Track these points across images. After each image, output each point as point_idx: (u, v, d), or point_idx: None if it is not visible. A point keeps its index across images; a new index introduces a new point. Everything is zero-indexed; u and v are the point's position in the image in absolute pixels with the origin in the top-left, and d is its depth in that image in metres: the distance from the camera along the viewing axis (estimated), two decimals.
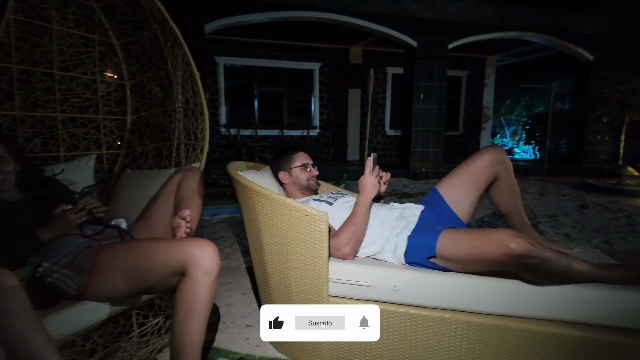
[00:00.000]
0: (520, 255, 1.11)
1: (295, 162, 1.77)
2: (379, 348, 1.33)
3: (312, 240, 1.31)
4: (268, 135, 8.30)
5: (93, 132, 1.83)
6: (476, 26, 6.95)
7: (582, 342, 1.18)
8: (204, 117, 1.76)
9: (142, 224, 1.45)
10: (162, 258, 1.07)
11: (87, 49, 1.79)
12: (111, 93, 1.89)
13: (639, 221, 3.81)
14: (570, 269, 1.18)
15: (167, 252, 1.07)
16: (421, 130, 6.80)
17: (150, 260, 1.08)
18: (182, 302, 1.06)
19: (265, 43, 8.09)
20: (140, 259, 1.10)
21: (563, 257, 1.18)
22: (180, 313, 1.06)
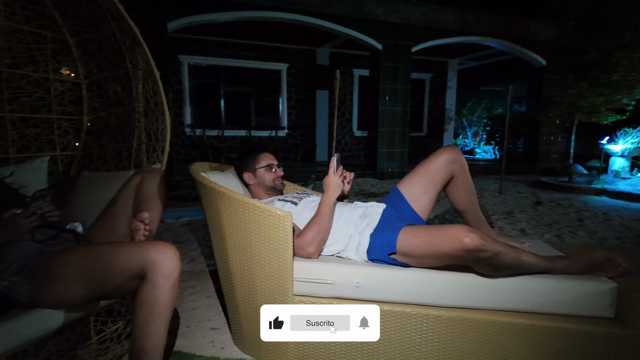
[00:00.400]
0: (473, 249, 1.17)
1: (260, 162, 1.76)
2: (343, 345, 1.36)
3: (277, 241, 1.32)
4: (235, 135, 8.19)
5: (46, 133, 1.75)
6: (438, 30, 7.18)
7: (531, 329, 1.26)
8: (164, 118, 1.73)
9: (100, 227, 1.40)
10: (120, 262, 1.05)
11: (39, 45, 1.70)
12: (66, 92, 1.81)
13: (587, 216, 4.08)
14: (519, 261, 1.26)
15: (126, 255, 1.05)
16: (387, 131, 6.95)
17: (107, 265, 1.05)
18: (142, 307, 1.04)
19: (232, 42, 7.99)
20: (97, 263, 1.07)
21: (513, 250, 1.25)
22: (140, 317, 1.04)
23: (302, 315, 1.27)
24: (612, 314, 1.28)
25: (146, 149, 1.79)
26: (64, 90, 1.80)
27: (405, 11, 6.92)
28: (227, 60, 8.05)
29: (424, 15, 7.05)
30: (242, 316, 1.45)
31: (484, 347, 1.29)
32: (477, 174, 7.70)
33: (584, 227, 3.60)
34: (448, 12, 7.23)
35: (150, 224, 1.24)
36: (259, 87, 8.44)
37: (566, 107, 6.26)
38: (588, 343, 1.24)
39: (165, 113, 1.71)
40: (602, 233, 3.40)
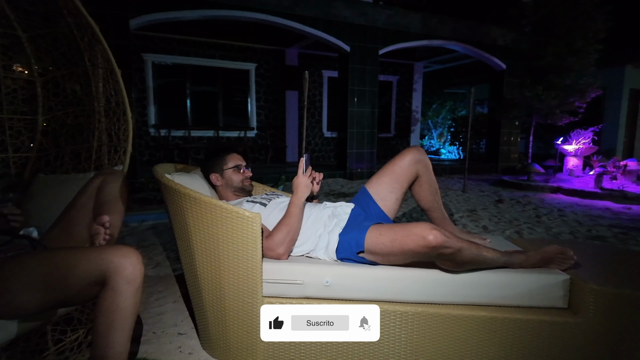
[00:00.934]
0: (437, 246, 1.21)
1: (228, 163, 1.74)
2: (313, 342, 1.36)
3: (245, 243, 1.31)
4: (202, 136, 8.02)
5: None
6: (404, 34, 7.35)
7: (492, 321, 1.32)
8: (126, 117, 1.67)
9: (57, 232, 1.34)
10: (79, 268, 1.00)
11: None
12: (18, 90, 1.71)
13: (544, 213, 4.30)
14: (480, 257, 1.31)
15: (85, 261, 1.00)
16: (356, 132, 7.03)
17: (65, 271, 1.00)
18: (104, 313, 1.00)
19: (198, 41, 7.82)
20: (53, 270, 1.01)
21: (474, 246, 1.31)
22: (102, 325, 1.00)
23: (303, 316, 1.28)
24: (565, 304, 1.36)
25: (107, 150, 1.73)
26: (16, 88, 1.70)
27: (372, 14, 7.04)
28: (193, 59, 7.87)
29: (390, 18, 7.19)
30: (210, 320, 1.43)
31: (449, 341, 1.33)
32: (442, 173, 7.94)
33: (541, 223, 3.79)
34: (413, 16, 7.41)
35: (111, 228, 1.19)
36: (226, 86, 8.31)
37: (525, 108, 6.58)
38: (544, 332, 1.31)
39: (127, 113, 1.65)
40: (558, 228, 3.60)
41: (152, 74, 7.53)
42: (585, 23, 6.08)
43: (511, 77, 8.38)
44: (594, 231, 3.50)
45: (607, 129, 9.51)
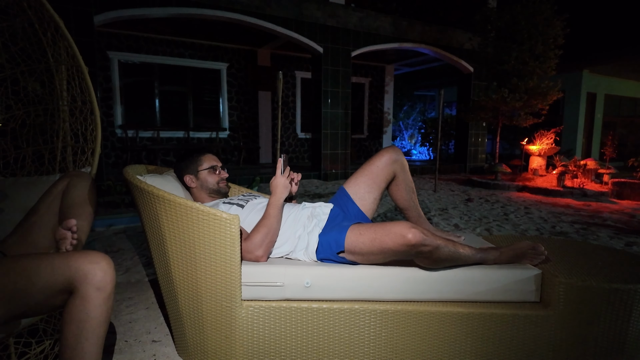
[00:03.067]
0: (416, 244, 1.23)
1: (203, 164, 1.70)
2: (293, 345, 1.35)
3: (223, 246, 1.27)
4: (172, 137, 7.82)
5: None
6: (375, 36, 7.46)
7: (469, 317, 1.35)
8: (94, 117, 1.59)
9: (17, 239, 1.25)
10: (44, 276, 0.94)
11: None
12: None
13: (511, 210, 4.47)
14: (456, 254, 1.34)
15: (49, 268, 0.94)
16: (330, 133, 7.06)
17: (27, 280, 0.94)
18: (72, 323, 0.94)
19: (166, 39, 7.62)
20: (14, 278, 0.94)
21: (451, 244, 1.33)
22: (70, 335, 0.94)
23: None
24: (537, 297, 1.41)
25: (73, 152, 1.64)
26: None
27: (343, 16, 7.09)
28: (162, 58, 7.65)
29: (361, 21, 7.27)
30: (186, 326, 1.38)
31: (428, 337, 1.35)
32: (413, 173, 8.11)
33: (509, 221, 3.94)
34: (384, 19, 7.53)
35: (79, 232, 1.13)
36: (197, 86, 8.13)
37: (491, 110, 6.83)
38: (518, 326, 1.36)
39: (95, 112, 1.58)
40: (524, 225, 3.75)
41: (119, 73, 7.27)
42: (545, 29, 6.39)
43: (478, 80, 8.68)
44: (558, 227, 3.67)
45: (567, 131, 10.02)
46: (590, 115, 10.59)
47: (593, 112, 10.63)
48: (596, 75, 10.37)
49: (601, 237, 3.33)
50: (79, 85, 1.61)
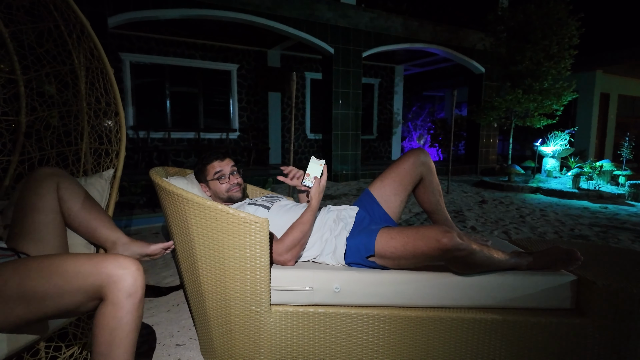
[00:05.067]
0: (451, 249, 1.20)
1: (209, 174, 1.65)
2: (321, 351, 1.32)
3: (252, 249, 1.25)
4: (182, 138, 7.84)
5: None
6: (386, 37, 7.41)
7: (503, 324, 1.31)
8: (119, 118, 1.58)
9: (30, 239, 1.21)
10: (75, 280, 0.92)
11: None
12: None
13: (526, 213, 4.40)
14: (490, 259, 1.31)
15: (80, 273, 0.92)
16: (340, 134, 7.03)
17: (60, 281, 0.92)
18: (104, 330, 0.92)
19: (177, 41, 7.65)
20: (47, 279, 0.92)
21: (485, 248, 1.30)
22: (103, 342, 0.92)
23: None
24: (573, 304, 1.37)
25: (97, 154, 1.64)
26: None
27: (354, 17, 7.06)
28: (173, 59, 7.68)
29: (372, 21, 7.24)
30: (213, 329, 1.36)
31: (460, 345, 1.32)
32: None
33: (526, 223, 3.87)
34: (394, 20, 7.49)
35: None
36: (207, 87, 8.15)
37: (504, 111, 6.75)
38: (552, 334, 1.32)
39: (120, 113, 1.57)
40: (542, 228, 3.69)
41: (130, 74, 7.31)
42: (560, 29, 6.30)
43: (489, 81, 8.60)
44: (577, 230, 3.60)
45: (580, 132, 9.88)
46: (604, 116, 10.44)
47: (606, 112, 10.48)
48: (610, 76, 10.22)
49: (622, 240, 3.27)
50: (104, 87, 1.61)
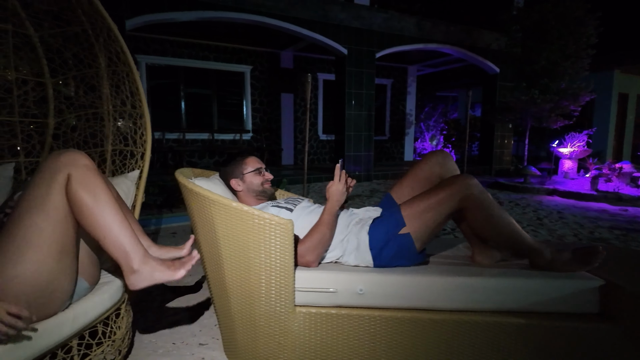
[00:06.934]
0: (463, 183, 1.35)
1: (247, 167, 1.70)
2: (345, 352, 1.33)
3: (278, 250, 1.26)
4: (197, 139, 7.92)
5: (7, 137, 1.57)
6: (399, 37, 7.39)
7: (528, 329, 1.30)
8: (144, 120, 1.61)
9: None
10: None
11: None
12: (29, 92, 1.64)
13: (544, 215, 4.34)
14: (512, 224, 1.38)
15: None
16: (353, 135, 7.02)
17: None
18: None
19: (191, 42, 7.73)
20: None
21: (505, 212, 1.40)
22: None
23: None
24: (598, 309, 1.35)
25: (123, 155, 1.67)
26: (27, 90, 1.63)
27: (367, 17, 7.05)
28: (187, 61, 7.77)
29: (385, 22, 7.22)
30: (237, 330, 1.38)
31: (486, 349, 1.31)
32: None
33: (544, 226, 3.82)
34: (408, 20, 7.46)
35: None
36: (221, 89, 8.22)
37: (519, 112, 6.66)
38: (578, 339, 1.30)
39: (145, 115, 1.60)
40: (560, 230, 3.63)
41: (146, 76, 7.41)
42: (577, 28, 6.20)
43: (504, 81, 8.50)
44: (596, 233, 3.54)
45: (597, 132, 9.71)
46: (622, 117, 10.23)
47: (625, 113, 10.27)
48: (628, 75, 10.01)
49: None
50: (129, 89, 1.64)
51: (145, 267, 1.07)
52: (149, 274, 1.08)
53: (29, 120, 1.64)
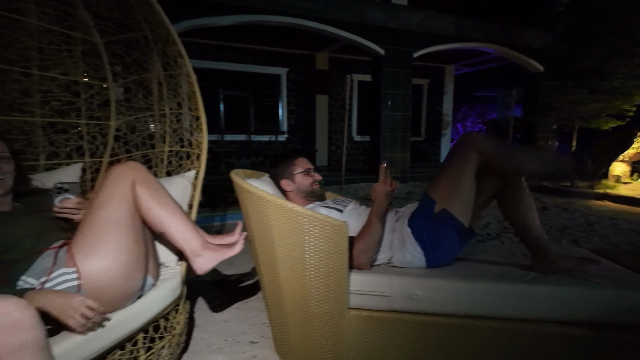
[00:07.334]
0: (477, 139, 1.37)
1: (297, 168, 1.72)
2: (397, 356, 1.31)
3: (332, 251, 1.26)
4: (234, 140, 8.10)
5: (75, 139, 1.67)
6: (437, 36, 7.24)
7: (594, 341, 1.23)
8: (199, 123, 1.67)
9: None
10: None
11: (69, 47, 1.63)
12: (94, 96, 1.73)
13: (595, 220, 4.11)
14: (535, 154, 1.42)
15: None
16: (389, 136, 6.95)
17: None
18: None
19: (230, 46, 7.92)
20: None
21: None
22: None
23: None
24: None
25: (179, 156, 1.73)
26: (93, 94, 1.72)
27: (405, 17, 6.96)
28: (225, 64, 7.96)
29: (423, 21, 7.10)
30: (290, 329, 1.39)
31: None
32: None
33: (596, 232, 3.61)
34: (446, 19, 7.30)
35: None
36: (257, 91, 8.37)
37: (565, 112, 6.35)
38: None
39: (201, 118, 1.65)
40: (614, 237, 3.42)
41: None
42: (631, 23, 5.82)
43: (547, 80, 8.13)
44: None
45: None
46: None
47: None
48: None
49: None
50: (185, 92, 1.69)
51: (207, 251, 1.22)
52: (211, 255, 1.22)
53: (94, 122, 1.73)
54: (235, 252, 1.25)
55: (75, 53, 1.64)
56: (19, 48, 1.46)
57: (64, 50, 1.60)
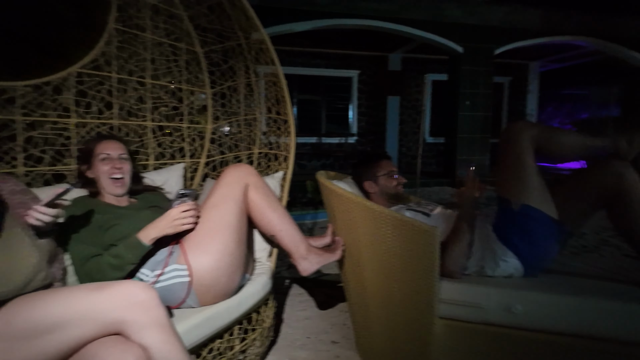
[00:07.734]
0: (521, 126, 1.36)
1: (381, 170, 1.71)
2: None
3: (422, 257, 1.23)
4: (306, 142, 8.30)
5: (178, 141, 1.83)
6: (521, 31, 6.74)
7: None
8: (288, 126, 1.73)
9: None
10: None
11: (175, 57, 1.79)
12: (194, 101, 1.89)
13: None
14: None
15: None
16: (466, 138, 6.62)
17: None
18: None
19: (304, 51, 8.12)
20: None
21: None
22: None
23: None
24: None
25: (268, 158, 1.81)
26: (193, 100, 1.87)
27: (485, 13, 6.58)
28: (300, 69, 8.19)
29: (506, 16, 6.65)
30: (375, 334, 1.38)
31: None
32: None
33: None
34: (532, 12, 6.75)
35: None
36: (328, 94, 8.50)
37: None
38: None
39: (290, 122, 1.71)
40: None
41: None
42: None
43: None
44: None
45: None
46: None
47: None
48: None
49: None
50: (275, 97, 1.77)
51: (311, 254, 1.29)
52: (315, 259, 1.29)
53: (194, 126, 1.89)
54: (337, 258, 1.34)
55: (180, 62, 1.81)
56: (136, 60, 1.64)
57: (171, 61, 1.77)
